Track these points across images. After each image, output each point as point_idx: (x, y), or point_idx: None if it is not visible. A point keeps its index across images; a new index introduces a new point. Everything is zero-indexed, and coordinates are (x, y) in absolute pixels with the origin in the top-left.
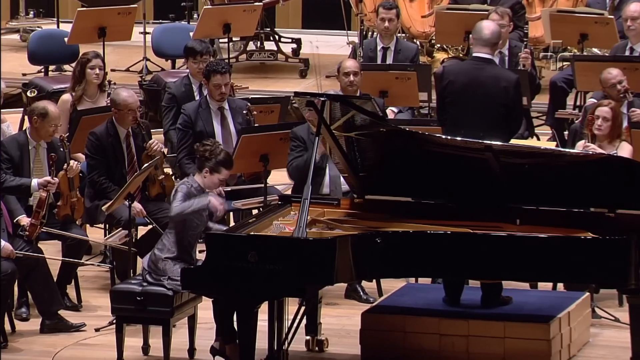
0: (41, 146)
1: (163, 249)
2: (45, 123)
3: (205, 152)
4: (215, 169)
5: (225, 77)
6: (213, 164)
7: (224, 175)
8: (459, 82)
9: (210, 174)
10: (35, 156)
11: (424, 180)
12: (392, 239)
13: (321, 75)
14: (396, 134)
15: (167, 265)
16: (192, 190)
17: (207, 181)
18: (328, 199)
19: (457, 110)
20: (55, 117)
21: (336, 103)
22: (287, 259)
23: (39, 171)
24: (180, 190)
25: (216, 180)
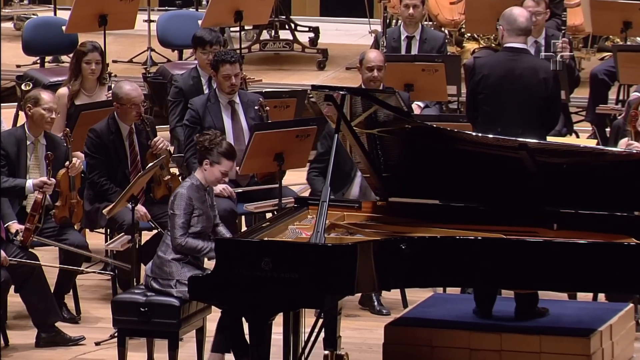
0: (40, 142)
1: (167, 250)
2: (39, 108)
3: (205, 141)
4: (215, 160)
5: (235, 67)
6: (213, 154)
7: (225, 167)
8: (494, 76)
9: (211, 166)
10: (33, 153)
11: (452, 181)
12: (417, 245)
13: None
14: (422, 130)
15: (174, 267)
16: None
17: (207, 175)
18: (348, 202)
19: (493, 107)
20: (48, 101)
21: (357, 97)
22: (303, 267)
23: (36, 169)
24: (180, 198)
25: (217, 173)
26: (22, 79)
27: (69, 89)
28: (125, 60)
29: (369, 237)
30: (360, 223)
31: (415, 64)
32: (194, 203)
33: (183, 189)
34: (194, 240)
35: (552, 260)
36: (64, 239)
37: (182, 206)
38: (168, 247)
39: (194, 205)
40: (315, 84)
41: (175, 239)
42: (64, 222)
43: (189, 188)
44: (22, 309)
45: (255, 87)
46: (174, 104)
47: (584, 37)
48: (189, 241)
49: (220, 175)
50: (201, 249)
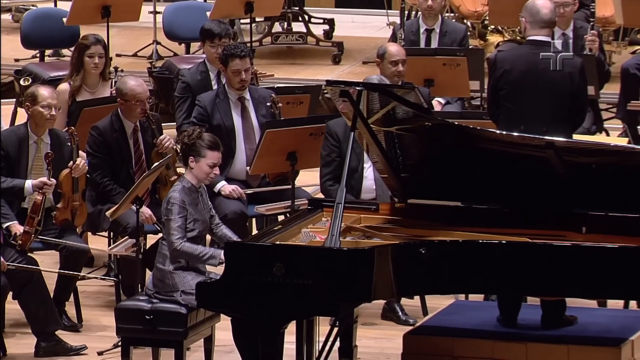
0: (43, 141)
1: (165, 261)
2: (37, 106)
3: (184, 138)
4: (198, 153)
5: (245, 61)
6: (195, 148)
7: (211, 158)
8: (516, 71)
9: (196, 162)
10: (35, 153)
11: (475, 182)
12: (438, 249)
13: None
14: (443, 128)
15: (177, 277)
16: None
17: (196, 172)
18: (365, 204)
19: (515, 104)
20: (46, 97)
21: (374, 93)
22: (318, 272)
23: (39, 170)
24: (173, 201)
25: (205, 167)
26: (21, 73)
27: (70, 84)
28: (130, 54)
29: (387, 241)
30: (378, 226)
31: (436, 58)
32: (187, 207)
33: (174, 192)
34: (192, 245)
35: (581, 265)
36: (64, 242)
37: (176, 210)
38: (166, 257)
39: (187, 209)
40: (330, 79)
41: (172, 244)
42: (66, 224)
43: (180, 191)
44: (20, 317)
45: (267, 82)
46: (181, 100)
47: (614, 30)
48: (185, 245)
49: (209, 169)
50: (199, 255)
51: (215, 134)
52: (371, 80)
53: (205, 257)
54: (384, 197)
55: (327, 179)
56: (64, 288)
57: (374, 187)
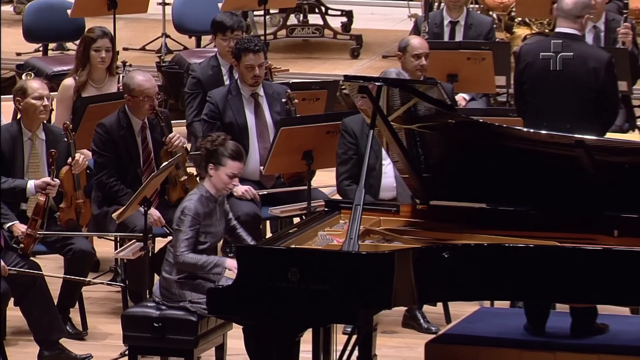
0: (38, 137)
1: (172, 270)
2: (28, 99)
3: (206, 144)
4: (218, 161)
5: (259, 56)
6: (215, 156)
7: (231, 168)
8: (538, 64)
9: (216, 170)
10: (31, 150)
11: (501, 182)
12: (462, 253)
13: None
14: (468, 126)
15: (184, 287)
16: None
17: (215, 181)
18: (385, 205)
19: (538, 99)
20: (37, 88)
21: (395, 89)
22: (335, 277)
23: (35, 168)
24: (187, 212)
25: (224, 177)
26: (23, 68)
27: (75, 79)
28: (137, 48)
29: (408, 245)
30: (398, 229)
31: (460, 51)
32: (201, 220)
33: (191, 202)
34: (195, 255)
35: (613, 270)
36: (69, 244)
37: (188, 223)
38: (172, 265)
39: (200, 222)
40: (348, 74)
41: (176, 256)
42: (71, 225)
43: (197, 201)
44: (22, 324)
45: (282, 78)
46: (191, 97)
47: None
48: (188, 256)
49: (228, 180)
50: (203, 265)
51: (227, 132)
52: (389, 74)
53: (209, 267)
54: (404, 195)
55: (343, 178)
56: (69, 294)
57: (394, 185)
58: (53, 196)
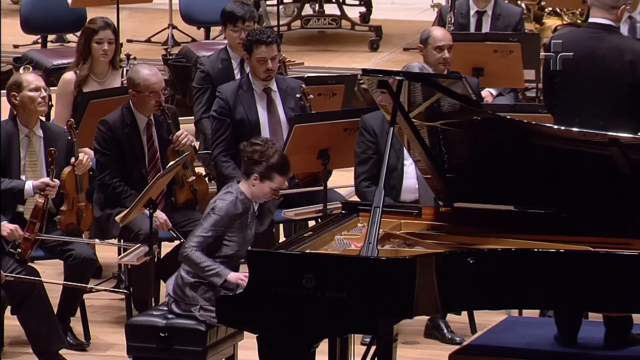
0: (35, 134)
1: (190, 271)
2: (24, 92)
3: (254, 153)
4: (266, 175)
5: (272, 48)
6: (264, 168)
7: (277, 183)
8: (570, 56)
9: (261, 182)
10: (28, 148)
11: (529, 183)
12: (488, 259)
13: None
14: (494, 123)
15: (199, 291)
16: (235, 208)
17: (255, 190)
18: (406, 208)
19: (569, 93)
20: (32, 80)
21: (416, 84)
22: (353, 285)
23: (33, 167)
24: (217, 212)
25: (267, 189)
26: (21, 61)
27: (76, 73)
28: (142, 40)
29: (431, 250)
30: (420, 233)
31: (487, 43)
32: (232, 224)
33: (224, 202)
34: (200, 255)
35: None
36: (69, 249)
37: (213, 221)
38: None
39: (230, 225)
40: (367, 68)
41: (184, 248)
42: (72, 229)
43: (231, 204)
44: (20, 334)
45: (296, 71)
46: (200, 92)
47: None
48: (194, 254)
49: (270, 192)
50: (204, 267)
51: (238, 129)
52: (412, 69)
53: (210, 273)
54: (427, 197)
55: (362, 179)
56: (69, 302)
57: (416, 187)
58: (52, 198)
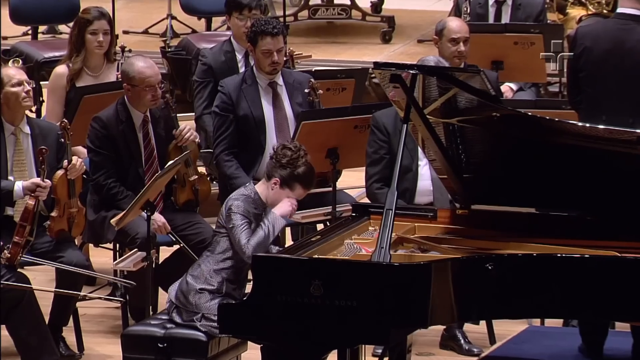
0: (22, 132)
1: (199, 277)
2: (7, 88)
3: (284, 157)
4: (287, 182)
5: (277, 40)
6: (287, 174)
7: (296, 194)
8: (598, 49)
9: (280, 187)
10: (15, 147)
11: (552, 184)
12: (508, 264)
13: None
14: (514, 120)
15: (202, 299)
16: (250, 206)
17: (273, 194)
18: (420, 210)
19: (596, 88)
20: (14, 74)
21: (431, 78)
22: (363, 292)
23: (21, 167)
24: (236, 209)
25: (284, 197)
26: (9, 54)
27: (68, 67)
28: (139, 31)
29: (447, 255)
30: (436, 237)
31: (506, 35)
32: (251, 218)
33: (237, 200)
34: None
35: None
36: (60, 256)
37: (240, 217)
38: (202, 274)
39: (250, 220)
40: (379, 61)
41: (244, 252)
42: (62, 236)
43: (244, 201)
44: (9, 345)
45: (304, 65)
46: (201, 86)
47: None
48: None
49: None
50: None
51: (242, 125)
52: (427, 62)
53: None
54: (442, 199)
55: (374, 181)
56: (61, 310)
57: (431, 188)
58: (44, 199)
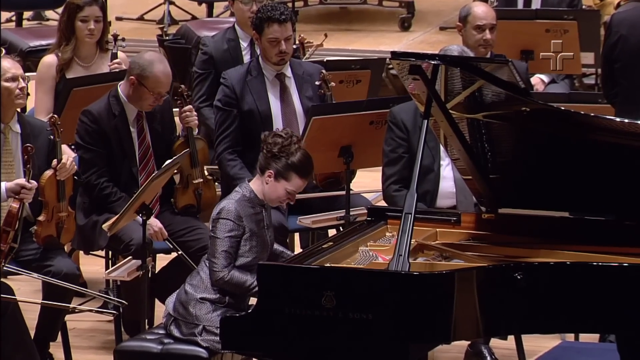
0: (12, 130)
1: (199, 285)
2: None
3: (274, 146)
4: (282, 173)
5: (285, 27)
6: (281, 165)
7: (294, 185)
8: (635, 38)
9: (275, 180)
10: (3, 146)
11: (587, 185)
12: (539, 274)
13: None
14: (546, 115)
15: (203, 309)
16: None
17: (269, 189)
18: (443, 214)
19: (632, 80)
20: (9, 68)
21: (455, 69)
22: (380, 304)
23: (9, 169)
24: (225, 214)
25: (281, 191)
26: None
27: (57, 56)
28: (134, 18)
29: (471, 263)
30: (459, 243)
31: (537, 22)
32: (244, 223)
33: (230, 202)
34: (241, 275)
35: None
36: (47, 265)
37: (227, 227)
38: (201, 282)
39: (244, 227)
40: (397, 51)
41: (216, 272)
42: (50, 243)
43: (238, 202)
44: None
45: (315, 55)
46: (201, 77)
47: None
48: (235, 276)
49: (285, 195)
50: (249, 287)
51: (247, 121)
52: (450, 52)
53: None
54: (466, 202)
55: (392, 182)
56: (49, 324)
57: (453, 191)
58: (29, 202)
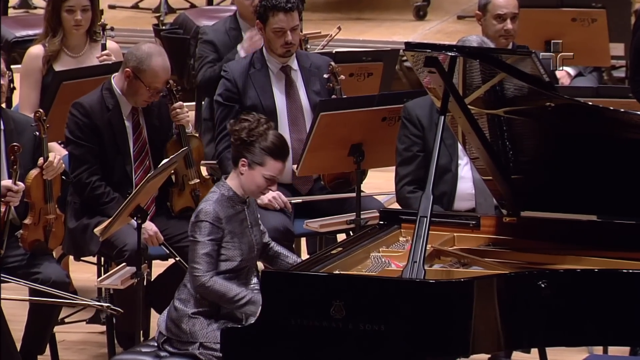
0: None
1: (188, 300)
2: None
3: (242, 132)
4: (256, 160)
5: (292, 17)
6: (254, 150)
7: (270, 169)
8: None
9: (250, 168)
10: None
11: (616, 187)
12: (564, 282)
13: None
14: (572, 110)
15: (197, 325)
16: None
17: (245, 180)
18: (461, 218)
19: None
20: None
21: (474, 61)
22: (393, 314)
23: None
24: (204, 216)
25: (259, 179)
26: None
27: (44, 47)
28: (128, 6)
29: (491, 270)
30: (478, 249)
31: (563, 10)
32: (224, 225)
33: (208, 204)
34: (225, 283)
35: None
36: (35, 272)
37: (206, 230)
38: (190, 295)
39: (224, 229)
40: (412, 41)
41: (196, 277)
42: (37, 248)
43: (216, 202)
44: None
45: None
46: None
47: None
48: (217, 283)
49: (264, 182)
50: (233, 298)
51: None
52: (470, 43)
53: (242, 302)
54: (486, 205)
55: (406, 183)
56: (36, 336)
57: (472, 193)
58: (15, 205)
